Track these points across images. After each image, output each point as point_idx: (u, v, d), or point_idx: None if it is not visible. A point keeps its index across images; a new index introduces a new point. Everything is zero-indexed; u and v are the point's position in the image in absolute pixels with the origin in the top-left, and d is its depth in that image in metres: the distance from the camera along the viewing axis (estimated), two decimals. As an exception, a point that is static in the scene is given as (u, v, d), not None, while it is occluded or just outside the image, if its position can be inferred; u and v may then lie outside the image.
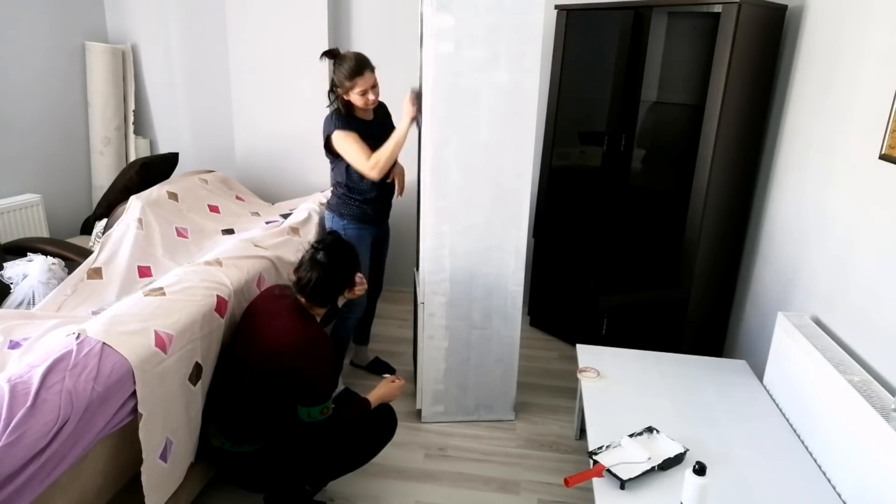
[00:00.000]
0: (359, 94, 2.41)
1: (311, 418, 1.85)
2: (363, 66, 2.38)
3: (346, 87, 2.40)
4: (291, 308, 1.88)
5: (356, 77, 2.37)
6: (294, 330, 1.83)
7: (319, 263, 1.86)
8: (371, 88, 2.41)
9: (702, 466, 1.54)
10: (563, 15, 3.09)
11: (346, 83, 2.39)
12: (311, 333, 1.85)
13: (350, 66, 2.37)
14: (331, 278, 1.88)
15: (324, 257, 1.87)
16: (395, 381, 2.12)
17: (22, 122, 3.38)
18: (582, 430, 2.55)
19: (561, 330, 3.51)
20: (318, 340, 1.85)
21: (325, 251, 1.88)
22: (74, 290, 2.28)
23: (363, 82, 2.38)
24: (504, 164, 2.40)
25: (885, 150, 1.85)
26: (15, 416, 1.35)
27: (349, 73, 2.37)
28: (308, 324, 1.87)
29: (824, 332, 2.07)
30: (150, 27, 3.88)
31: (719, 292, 2.95)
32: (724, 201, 2.75)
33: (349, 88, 2.40)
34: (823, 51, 2.34)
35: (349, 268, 1.96)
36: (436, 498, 2.26)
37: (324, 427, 1.89)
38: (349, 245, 2.00)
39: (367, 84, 2.39)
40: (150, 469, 1.67)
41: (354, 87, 2.38)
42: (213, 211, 3.09)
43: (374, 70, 2.43)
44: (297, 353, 1.78)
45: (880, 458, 1.55)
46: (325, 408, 1.86)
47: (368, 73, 2.39)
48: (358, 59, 2.39)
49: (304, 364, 1.79)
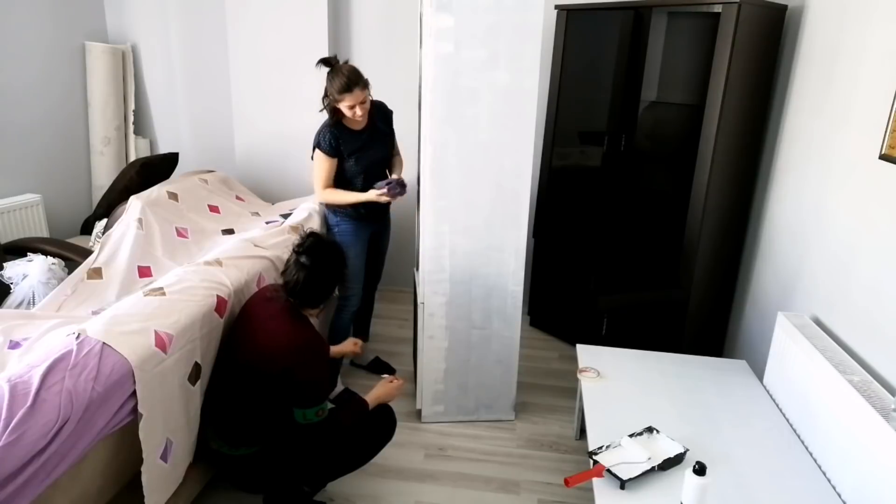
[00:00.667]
0: (347, 108, 2.47)
1: (307, 420, 1.84)
2: (353, 84, 2.42)
3: (335, 99, 2.47)
4: (285, 310, 1.87)
5: (345, 93, 2.43)
6: (287, 332, 1.82)
7: (303, 266, 1.83)
8: (360, 104, 2.46)
9: (702, 466, 1.54)
10: (563, 15, 3.08)
11: (335, 95, 2.46)
12: (305, 335, 1.84)
13: (341, 83, 2.42)
14: (317, 279, 1.85)
15: (307, 259, 1.84)
16: (394, 382, 2.12)
17: (22, 122, 3.38)
18: (582, 430, 2.55)
19: (561, 330, 3.51)
20: (313, 342, 1.84)
21: (307, 253, 1.85)
22: (74, 290, 2.27)
23: (351, 98, 2.43)
24: (504, 164, 2.40)
25: (885, 150, 1.85)
26: (15, 416, 1.35)
27: (339, 89, 2.43)
28: (302, 325, 1.86)
29: (824, 332, 2.07)
30: (150, 27, 3.88)
31: (719, 292, 2.95)
32: (724, 201, 2.75)
33: (338, 101, 2.47)
34: (823, 51, 2.34)
35: (335, 266, 1.93)
36: (436, 498, 2.26)
37: (320, 429, 1.89)
38: (331, 243, 1.97)
39: (355, 100, 2.44)
40: (151, 469, 1.67)
41: (343, 101, 2.45)
42: (213, 211, 3.09)
43: (367, 86, 2.48)
44: (290, 355, 1.78)
45: (880, 458, 1.55)
46: (321, 409, 1.86)
47: (358, 90, 2.43)
48: (350, 75, 2.42)
49: (299, 366, 1.78)
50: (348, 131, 2.60)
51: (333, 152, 2.58)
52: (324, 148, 2.57)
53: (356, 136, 2.62)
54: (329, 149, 2.57)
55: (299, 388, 1.81)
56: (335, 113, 2.55)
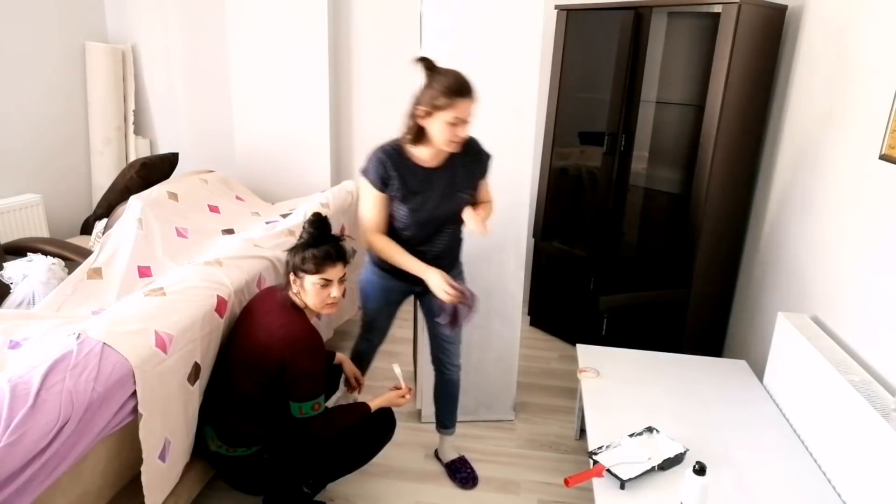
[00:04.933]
0: (448, 124, 1.80)
1: (304, 415, 1.85)
2: (466, 90, 1.79)
3: (435, 106, 1.79)
4: (281, 305, 1.90)
5: (456, 98, 1.77)
6: (283, 325, 1.84)
7: (309, 232, 1.88)
8: (463, 123, 1.82)
9: (702, 466, 1.54)
10: (563, 15, 3.08)
11: (438, 100, 1.78)
12: (300, 328, 1.86)
13: (449, 84, 1.78)
14: (315, 243, 1.86)
15: (313, 228, 1.88)
16: (402, 392, 2.09)
17: (22, 122, 3.38)
18: (582, 430, 2.55)
19: (561, 330, 3.51)
20: (308, 334, 1.86)
21: (314, 224, 1.89)
22: (74, 290, 2.27)
23: (461, 108, 1.79)
24: (504, 164, 2.40)
25: (885, 150, 1.85)
26: (15, 416, 1.35)
27: (447, 90, 1.77)
28: (298, 319, 1.88)
29: (824, 332, 2.07)
30: (150, 27, 3.88)
31: (719, 292, 2.95)
32: (724, 201, 2.75)
33: (439, 109, 1.79)
34: (823, 51, 2.34)
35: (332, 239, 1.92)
36: (436, 498, 2.26)
37: (317, 426, 1.89)
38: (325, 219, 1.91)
39: (463, 112, 1.80)
40: (150, 469, 1.67)
41: (446, 109, 1.78)
42: (213, 211, 3.09)
43: (475, 101, 1.83)
44: (286, 348, 1.80)
45: (880, 458, 1.55)
46: (317, 403, 1.86)
47: (469, 100, 1.80)
48: (461, 78, 1.81)
49: (294, 358, 1.80)
50: (411, 164, 1.93)
51: (381, 185, 1.92)
52: (370, 176, 1.92)
53: (420, 175, 1.94)
54: (376, 179, 1.91)
55: (296, 380, 1.82)
56: (418, 135, 1.88)
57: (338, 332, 3.22)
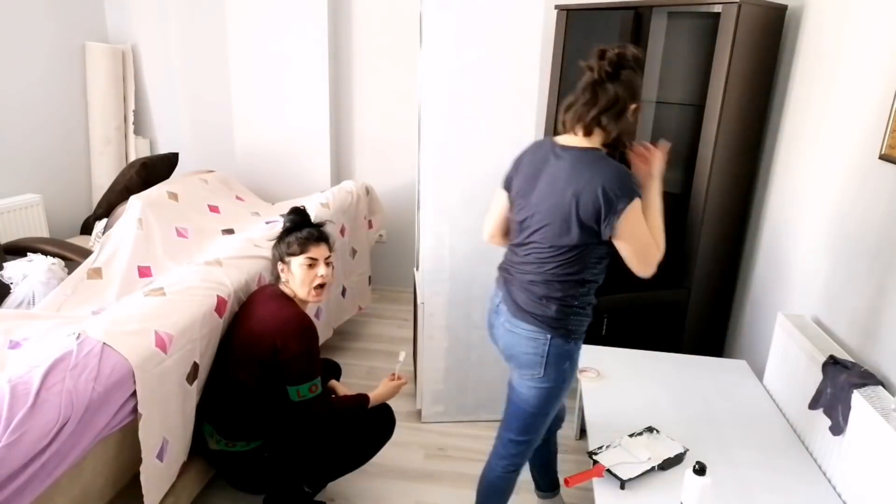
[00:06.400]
0: (634, 119, 1.58)
1: (302, 398, 1.86)
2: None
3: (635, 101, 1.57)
4: (273, 295, 1.96)
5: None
6: (273, 312, 1.89)
7: (290, 220, 2.05)
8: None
9: (702, 466, 1.54)
10: (563, 15, 3.08)
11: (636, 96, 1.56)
12: (291, 312, 1.89)
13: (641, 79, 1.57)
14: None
15: (289, 214, 2.07)
16: (396, 379, 2.12)
17: (22, 121, 3.38)
18: (582, 430, 2.55)
19: (561, 330, 3.50)
20: (297, 317, 1.89)
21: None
22: (74, 290, 2.27)
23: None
24: (504, 164, 2.40)
25: (885, 150, 1.85)
26: (15, 416, 1.35)
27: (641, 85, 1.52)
28: (288, 305, 1.92)
29: (824, 332, 2.07)
30: (150, 27, 3.88)
31: (719, 292, 2.94)
32: (724, 201, 2.74)
33: (637, 102, 1.60)
34: (823, 51, 2.33)
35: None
36: (436, 498, 2.26)
37: (317, 406, 1.90)
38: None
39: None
40: (148, 469, 1.67)
41: (639, 103, 1.60)
42: (213, 211, 3.09)
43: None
44: (277, 332, 1.82)
45: (880, 458, 1.55)
46: (313, 385, 1.88)
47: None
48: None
49: (286, 341, 1.82)
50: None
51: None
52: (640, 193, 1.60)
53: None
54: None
55: (287, 364, 1.83)
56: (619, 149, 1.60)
57: (338, 332, 3.23)
